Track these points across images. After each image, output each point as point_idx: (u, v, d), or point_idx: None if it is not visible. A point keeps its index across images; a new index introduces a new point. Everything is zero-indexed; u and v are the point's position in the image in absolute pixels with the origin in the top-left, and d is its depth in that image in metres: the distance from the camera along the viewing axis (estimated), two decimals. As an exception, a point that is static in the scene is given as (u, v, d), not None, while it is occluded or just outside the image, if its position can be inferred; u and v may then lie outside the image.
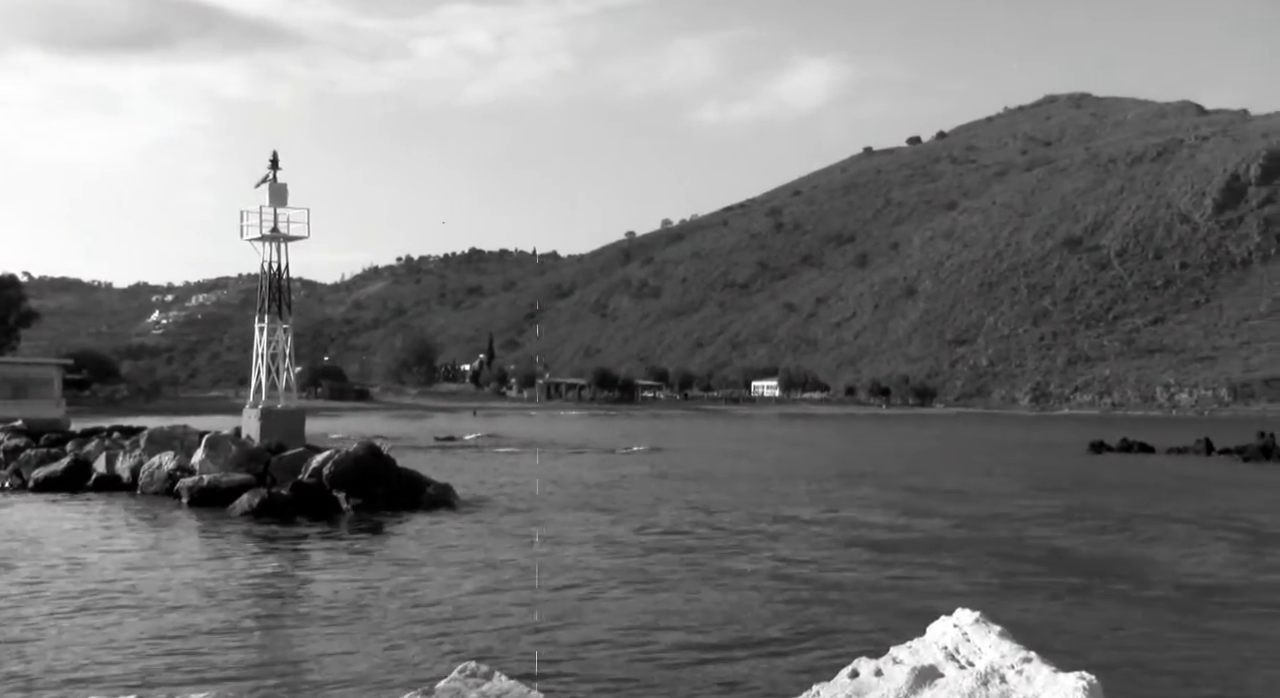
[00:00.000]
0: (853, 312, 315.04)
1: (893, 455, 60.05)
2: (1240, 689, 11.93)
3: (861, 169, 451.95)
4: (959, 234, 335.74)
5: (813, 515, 27.92)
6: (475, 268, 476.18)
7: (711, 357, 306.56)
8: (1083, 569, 19.73)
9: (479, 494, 32.08)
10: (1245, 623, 15.17)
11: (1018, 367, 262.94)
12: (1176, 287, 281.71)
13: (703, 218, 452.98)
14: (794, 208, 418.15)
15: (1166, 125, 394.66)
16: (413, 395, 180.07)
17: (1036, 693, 5.63)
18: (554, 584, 17.34)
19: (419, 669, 11.70)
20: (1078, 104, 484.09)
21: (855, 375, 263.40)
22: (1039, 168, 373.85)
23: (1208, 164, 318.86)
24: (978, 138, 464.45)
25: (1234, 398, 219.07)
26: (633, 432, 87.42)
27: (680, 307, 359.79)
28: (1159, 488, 38.85)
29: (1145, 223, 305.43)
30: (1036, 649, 6.12)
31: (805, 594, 16.76)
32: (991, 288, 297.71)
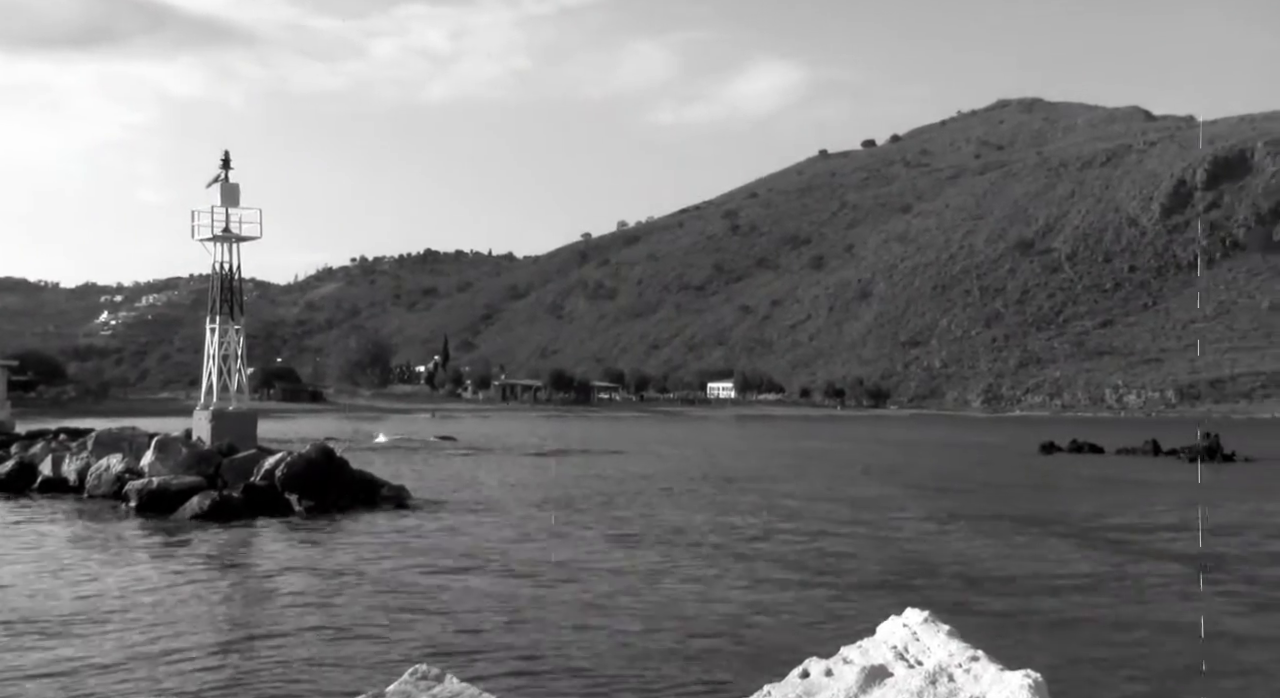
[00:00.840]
0: (808, 314, 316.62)
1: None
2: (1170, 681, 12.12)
3: (817, 172, 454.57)
4: (913, 237, 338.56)
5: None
6: (430, 269, 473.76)
7: (667, 358, 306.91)
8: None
9: (433, 496, 31.91)
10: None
11: (970, 368, 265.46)
12: (1125, 290, 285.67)
13: (659, 220, 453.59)
14: (750, 210, 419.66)
15: (1115, 130, 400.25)
16: (367, 397, 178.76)
17: (983, 691, 5.68)
18: (505, 585, 17.29)
19: (368, 673, 11.61)
20: (1029, 109, 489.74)
21: (810, 377, 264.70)
22: (991, 171, 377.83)
23: (1155, 169, 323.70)
24: (931, 141, 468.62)
25: (1180, 399, 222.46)
26: (589, 433, 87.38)
27: (636, 308, 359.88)
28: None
29: (1095, 226, 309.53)
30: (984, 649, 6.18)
31: (755, 594, 16.82)
32: (944, 290, 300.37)
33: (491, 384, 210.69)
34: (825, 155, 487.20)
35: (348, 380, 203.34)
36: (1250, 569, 20.48)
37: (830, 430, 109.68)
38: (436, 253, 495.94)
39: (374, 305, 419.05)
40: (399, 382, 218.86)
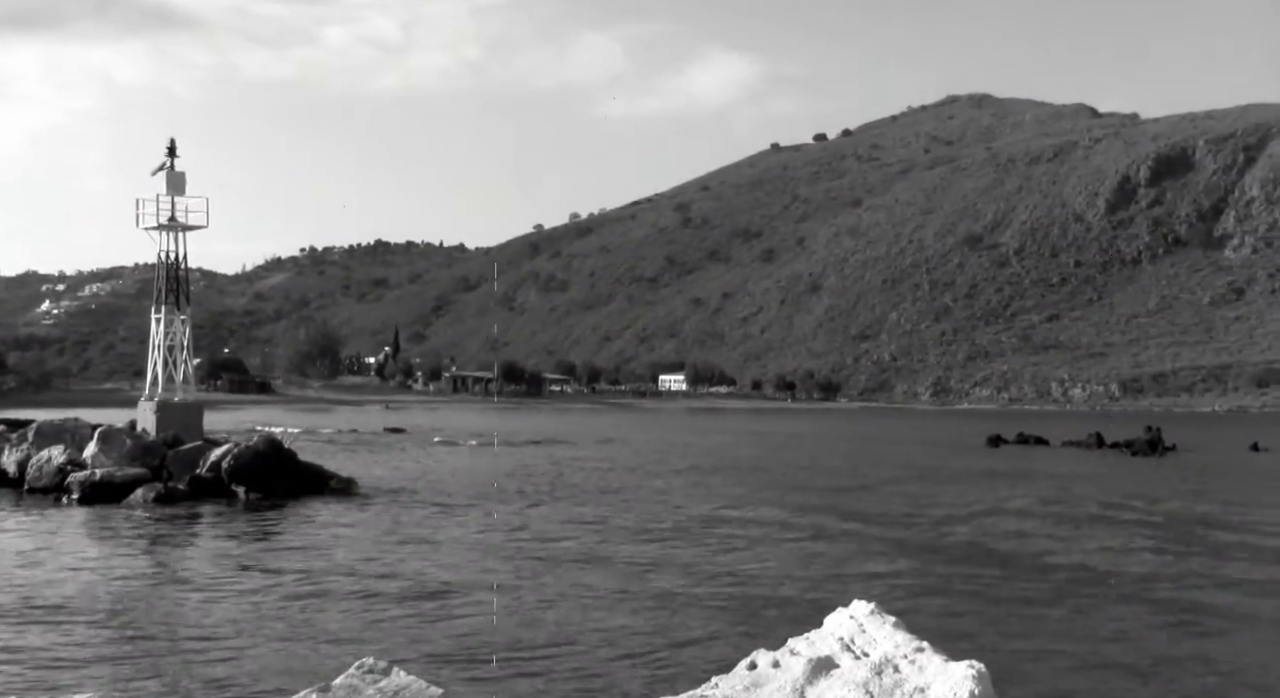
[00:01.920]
0: (759, 307, 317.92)
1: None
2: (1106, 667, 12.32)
3: (769, 165, 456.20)
4: (863, 231, 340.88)
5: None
6: (381, 260, 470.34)
7: (619, 351, 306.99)
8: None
9: (382, 487, 31.72)
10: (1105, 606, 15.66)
11: (919, 362, 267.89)
12: (1071, 285, 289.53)
13: (611, 212, 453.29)
14: (702, 203, 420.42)
15: (1062, 127, 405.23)
16: (316, 388, 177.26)
17: (928, 682, 5.73)
18: (452, 577, 17.21)
19: (314, 666, 11.52)
20: (978, 105, 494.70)
21: (762, 370, 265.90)
22: (941, 166, 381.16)
23: (1101, 165, 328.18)
24: (882, 136, 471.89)
25: (1124, 393, 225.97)
26: (541, 425, 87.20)
27: (588, 300, 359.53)
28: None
29: (1042, 222, 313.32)
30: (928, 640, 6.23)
31: (701, 588, 16.88)
32: (894, 284, 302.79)
33: (442, 376, 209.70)
34: (777, 149, 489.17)
35: (297, 372, 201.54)
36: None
37: (775, 424, 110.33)
38: (387, 244, 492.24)
39: (323, 296, 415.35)
40: (349, 373, 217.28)
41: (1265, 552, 22.09)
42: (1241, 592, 17.43)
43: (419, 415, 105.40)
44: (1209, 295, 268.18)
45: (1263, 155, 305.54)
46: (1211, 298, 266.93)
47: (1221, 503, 31.94)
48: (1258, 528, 25.97)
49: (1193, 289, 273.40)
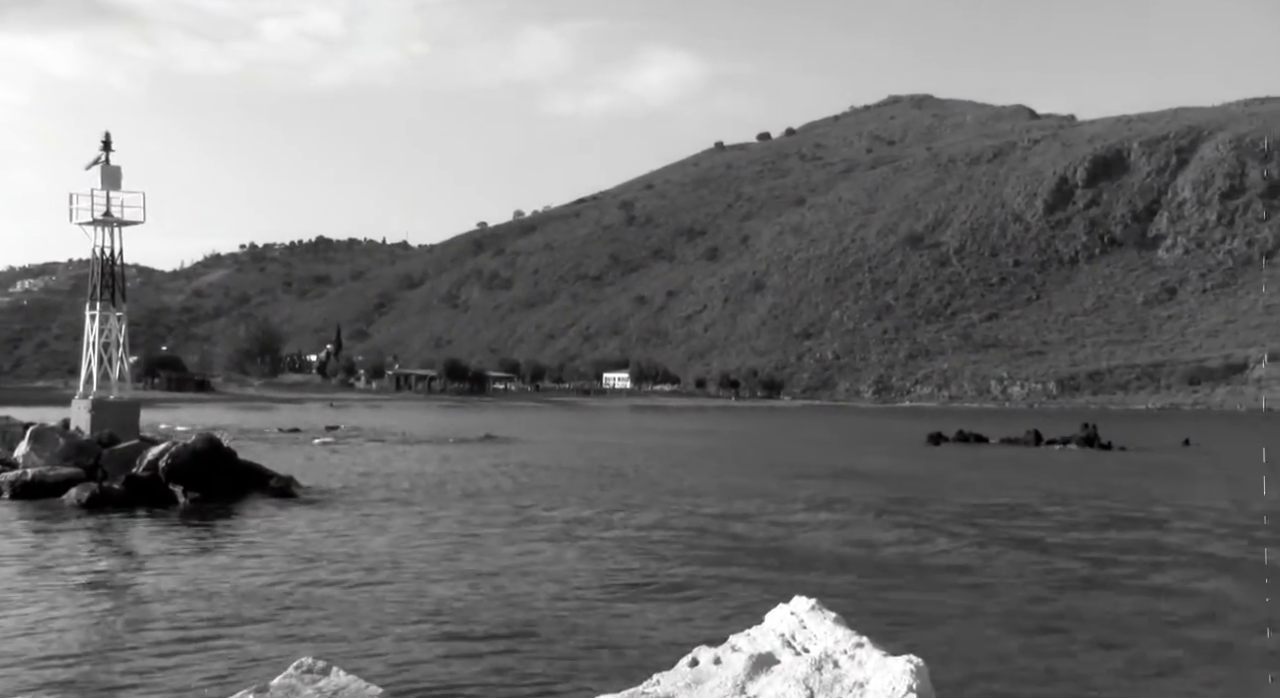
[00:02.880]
0: (703, 305, 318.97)
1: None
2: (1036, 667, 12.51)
3: (713, 164, 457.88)
4: (807, 230, 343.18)
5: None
6: (322, 257, 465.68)
7: (563, 348, 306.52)
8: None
9: (322, 486, 31.40)
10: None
11: (862, 360, 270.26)
12: (1010, 284, 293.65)
13: (555, 209, 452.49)
14: (646, 201, 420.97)
15: (1002, 128, 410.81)
16: (256, 386, 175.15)
17: (867, 677, 5.78)
18: (391, 576, 17.09)
19: (252, 666, 11.38)
20: (920, 105, 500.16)
21: (705, 368, 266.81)
22: (883, 166, 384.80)
23: (1039, 166, 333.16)
24: (825, 135, 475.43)
25: (1061, 391, 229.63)
26: (483, 423, 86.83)
27: (532, 298, 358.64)
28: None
29: (982, 222, 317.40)
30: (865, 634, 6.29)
31: (642, 580, 16.90)
32: (837, 283, 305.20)
33: (385, 374, 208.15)
34: (721, 148, 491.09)
35: (236, 369, 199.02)
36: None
37: (715, 422, 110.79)
38: (329, 240, 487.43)
39: (264, 293, 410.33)
40: (290, 371, 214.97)
41: (1193, 553, 22.55)
42: (1178, 585, 17.77)
43: (362, 414, 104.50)
44: (1143, 295, 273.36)
45: (1194, 158, 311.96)
46: (1145, 297, 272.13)
47: (1153, 498, 32.55)
48: (1180, 524, 26.51)
49: (1128, 289, 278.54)
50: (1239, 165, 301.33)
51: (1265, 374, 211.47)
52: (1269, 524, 26.39)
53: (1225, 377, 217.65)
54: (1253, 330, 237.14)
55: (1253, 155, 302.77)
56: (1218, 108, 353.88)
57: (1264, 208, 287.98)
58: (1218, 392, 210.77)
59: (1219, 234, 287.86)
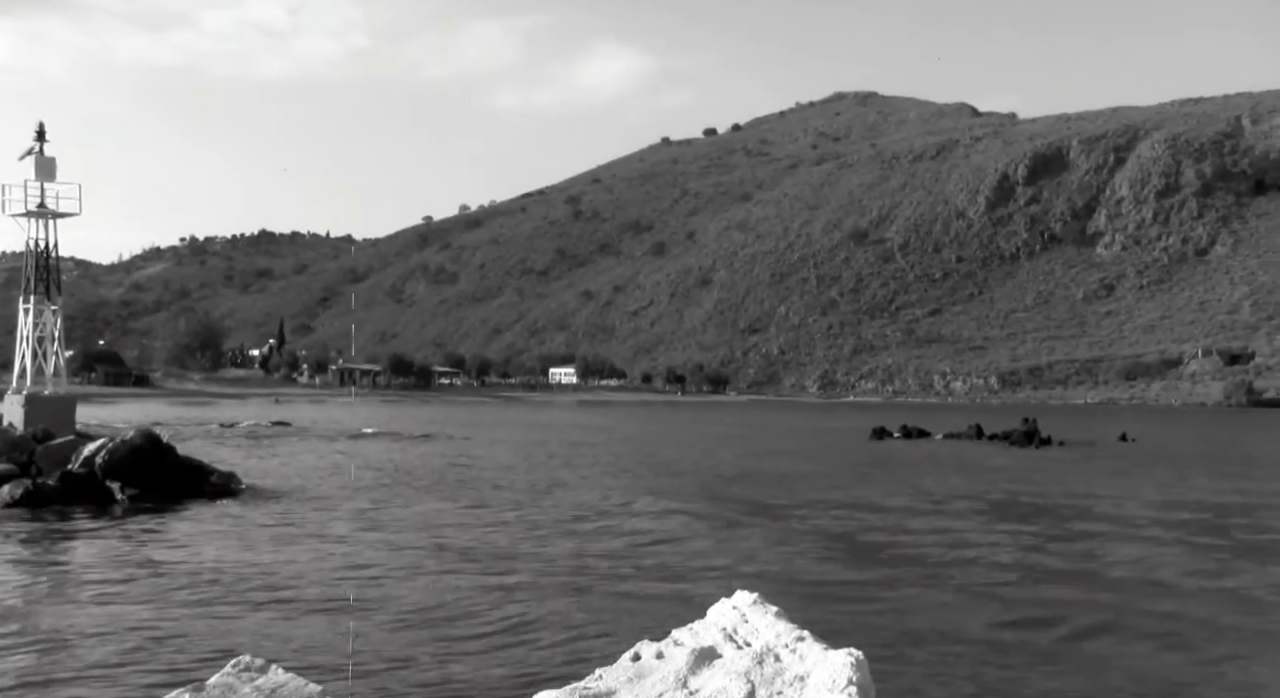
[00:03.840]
0: (650, 300, 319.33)
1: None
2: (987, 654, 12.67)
3: (659, 159, 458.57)
4: (752, 225, 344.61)
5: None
6: (265, 250, 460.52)
7: (509, 343, 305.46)
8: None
9: (264, 483, 31.04)
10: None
11: (807, 355, 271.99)
12: (953, 280, 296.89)
13: (501, 204, 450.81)
14: (593, 196, 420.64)
15: (944, 125, 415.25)
16: (197, 381, 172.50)
17: (808, 670, 5.80)
18: (332, 572, 16.93)
19: (189, 666, 11.21)
20: (864, 102, 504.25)
21: (652, 363, 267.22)
22: (828, 162, 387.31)
23: (981, 164, 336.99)
24: (771, 132, 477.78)
25: (1002, 386, 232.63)
26: (428, 418, 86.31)
27: (478, 293, 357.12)
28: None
29: (925, 218, 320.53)
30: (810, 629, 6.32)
31: (582, 580, 16.89)
32: (783, 278, 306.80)
33: (329, 369, 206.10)
34: (668, 143, 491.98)
35: (176, 364, 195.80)
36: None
37: (667, 417, 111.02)
38: (272, 234, 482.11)
39: (205, 287, 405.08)
40: (232, 366, 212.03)
41: (1126, 535, 22.95)
42: (1109, 580, 18.07)
43: (305, 410, 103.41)
44: (1082, 291, 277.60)
45: (1131, 156, 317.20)
46: (1084, 294, 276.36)
47: (1089, 492, 33.08)
48: (1117, 515, 26.98)
49: (1067, 285, 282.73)
50: (1174, 164, 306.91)
51: (1198, 369, 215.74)
52: (1190, 518, 26.95)
53: (1160, 372, 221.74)
54: (1187, 326, 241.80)
55: (1187, 154, 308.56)
56: (1153, 107, 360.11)
57: (1198, 206, 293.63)
58: (1153, 386, 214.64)
59: (1155, 232, 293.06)
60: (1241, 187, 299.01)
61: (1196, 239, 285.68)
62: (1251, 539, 23.32)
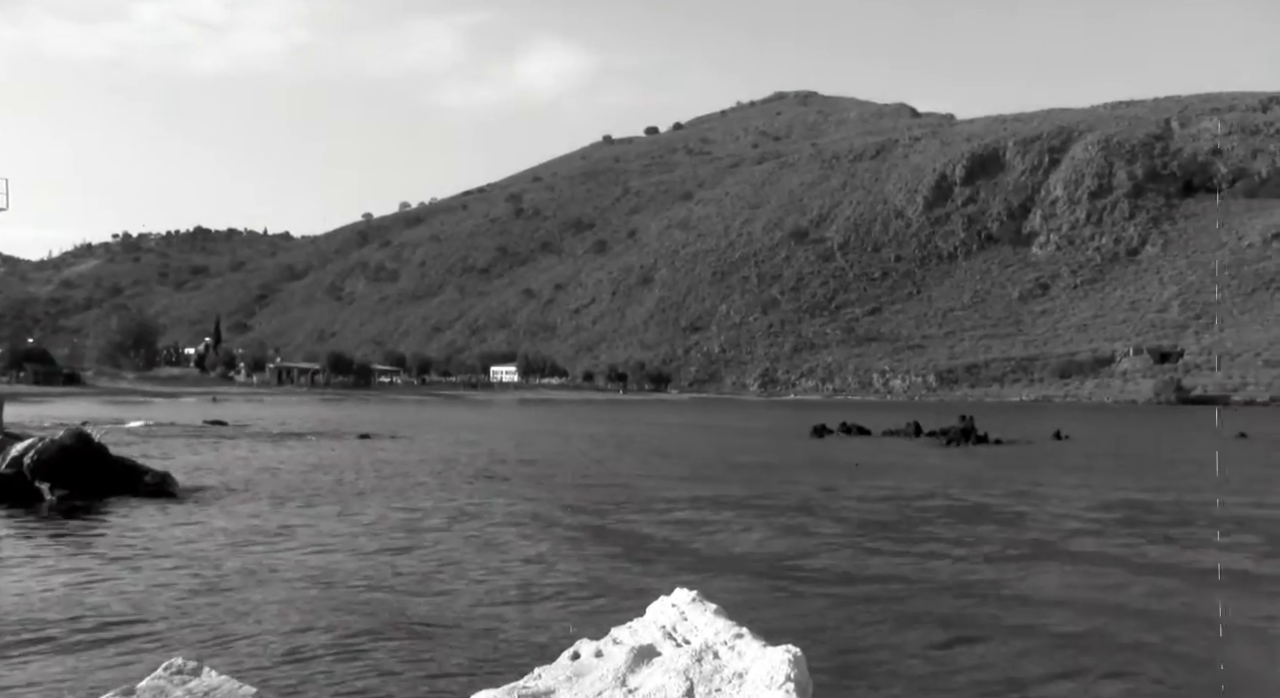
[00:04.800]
0: (591, 298, 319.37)
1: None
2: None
3: (601, 157, 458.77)
4: (694, 224, 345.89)
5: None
6: (201, 247, 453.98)
7: (450, 341, 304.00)
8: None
9: (200, 482, 30.57)
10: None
11: (748, 353, 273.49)
12: (892, 279, 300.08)
13: (442, 201, 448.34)
14: (534, 194, 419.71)
15: (884, 125, 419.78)
16: (130, 380, 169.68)
17: (746, 667, 5.84)
18: (265, 575, 16.72)
19: (120, 668, 11.02)
20: (805, 101, 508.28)
21: (594, 361, 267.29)
22: (769, 161, 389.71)
23: (919, 164, 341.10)
24: (712, 130, 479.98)
25: (940, 384, 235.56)
26: (366, 417, 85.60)
27: (418, 291, 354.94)
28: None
29: (865, 217, 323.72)
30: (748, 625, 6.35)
31: (520, 574, 16.86)
32: (724, 277, 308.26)
33: (266, 367, 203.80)
34: (609, 141, 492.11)
35: (109, 363, 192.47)
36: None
37: (606, 415, 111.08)
38: (208, 231, 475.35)
39: (138, 284, 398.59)
40: (166, 364, 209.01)
41: (1063, 540, 23.35)
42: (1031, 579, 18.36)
43: (243, 408, 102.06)
44: (1018, 290, 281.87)
45: (1066, 157, 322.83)
46: (1020, 293, 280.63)
47: (1022, 489, 33.61)
48: (1049, 513, 27.45)
49: (1003, 284, 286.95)
50: (1107, 165, 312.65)
51: (1130, 367, 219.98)
52: (1116, 515, 27.48)
53: (1093, 370, 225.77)
54: (1119, 325, 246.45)
55: (1119, 156, 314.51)
56: (1087, 110, 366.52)
57: (1129, 207, 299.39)
58: (1086, 384, 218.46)
59: (1088, 232, 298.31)
60: (1171, 188, 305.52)
61: (1128, 239, 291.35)
62: (1181, 535, 23.81)
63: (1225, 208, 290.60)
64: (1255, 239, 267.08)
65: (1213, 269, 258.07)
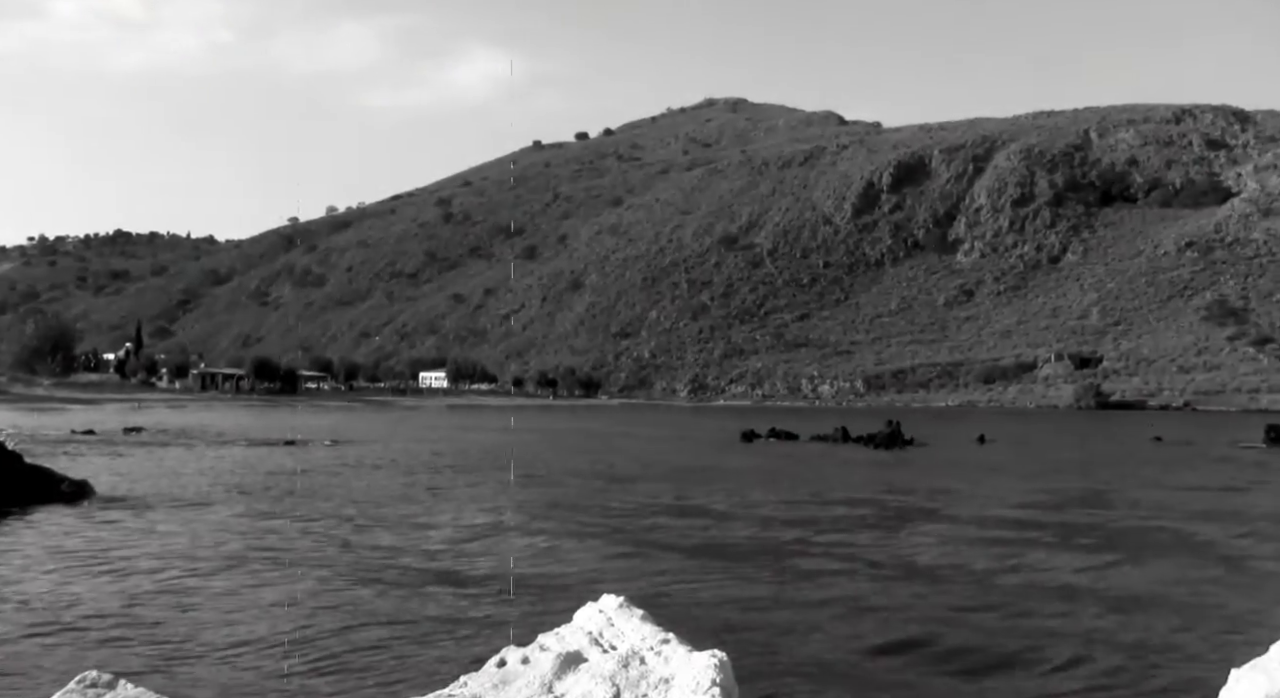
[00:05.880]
0: (521, 304, 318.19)
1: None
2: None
3: (531, 162, 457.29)
4: (624, 230, 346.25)
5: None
6: (121, 251, 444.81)
7: (378, 347, 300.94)
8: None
9: (117, 491, 29.91)
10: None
11: (678, 359, 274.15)
12: (820, 285, 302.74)
13: (370, 206, 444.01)
14: (463, 198, 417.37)
15: (812, 133, 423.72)
16: (46, 387, 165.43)
17: (673, 672, 5.84)
18: (183, 584, 16.40)
19: (32, 683, 10.72)
20: (734, 108, 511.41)
21: (524, 367, 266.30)
22: (699, 168, 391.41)
23: (847, 171, 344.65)
24: (642, 136, 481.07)
25: (868, 389, 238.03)
26: (292, 424, 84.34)
27: (346, 296, 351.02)
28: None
29: (794, 224, 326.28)
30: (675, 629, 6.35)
31: (446, 582, 16.73)
32: (654, 283, 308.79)
33: (190, 373, 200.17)
34: (539, 146, 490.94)
35: (23, 369, 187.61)
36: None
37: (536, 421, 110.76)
38: (129, 234, 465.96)
39: (55, 288, 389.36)
40: (85, 370, 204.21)
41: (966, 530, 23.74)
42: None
43: (165, 415, 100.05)
44: (943, 297, 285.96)
45: (989, 166, 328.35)
46: (945, 299, 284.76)
47: (946, 489, 34.11)
48: (963, 513, 27.89)
49: (929, 291, 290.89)
50: (1029, 174, 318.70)
51: (1051, 373, 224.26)
52: (1025, 518, 27.99)
53: (1016, 375, 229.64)
54: (1041, 331, 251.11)
55: (1040, 165, 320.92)
56: (1009, 119, 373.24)
57: (1051, 215, 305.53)
58: (1010, 390, 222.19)
59: (1011, 240, 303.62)
60: (1090, 197, 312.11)
61: (1049, 247, 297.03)
62: (1113, 528, 24.29)
63: (1142, 217, 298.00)
64: (1170, 248, 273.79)
65: (1130, 277, 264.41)
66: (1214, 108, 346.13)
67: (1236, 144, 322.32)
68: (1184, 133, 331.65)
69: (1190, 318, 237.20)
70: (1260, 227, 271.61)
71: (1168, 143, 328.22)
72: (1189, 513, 28.92)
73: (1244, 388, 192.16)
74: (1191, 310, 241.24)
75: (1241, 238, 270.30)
